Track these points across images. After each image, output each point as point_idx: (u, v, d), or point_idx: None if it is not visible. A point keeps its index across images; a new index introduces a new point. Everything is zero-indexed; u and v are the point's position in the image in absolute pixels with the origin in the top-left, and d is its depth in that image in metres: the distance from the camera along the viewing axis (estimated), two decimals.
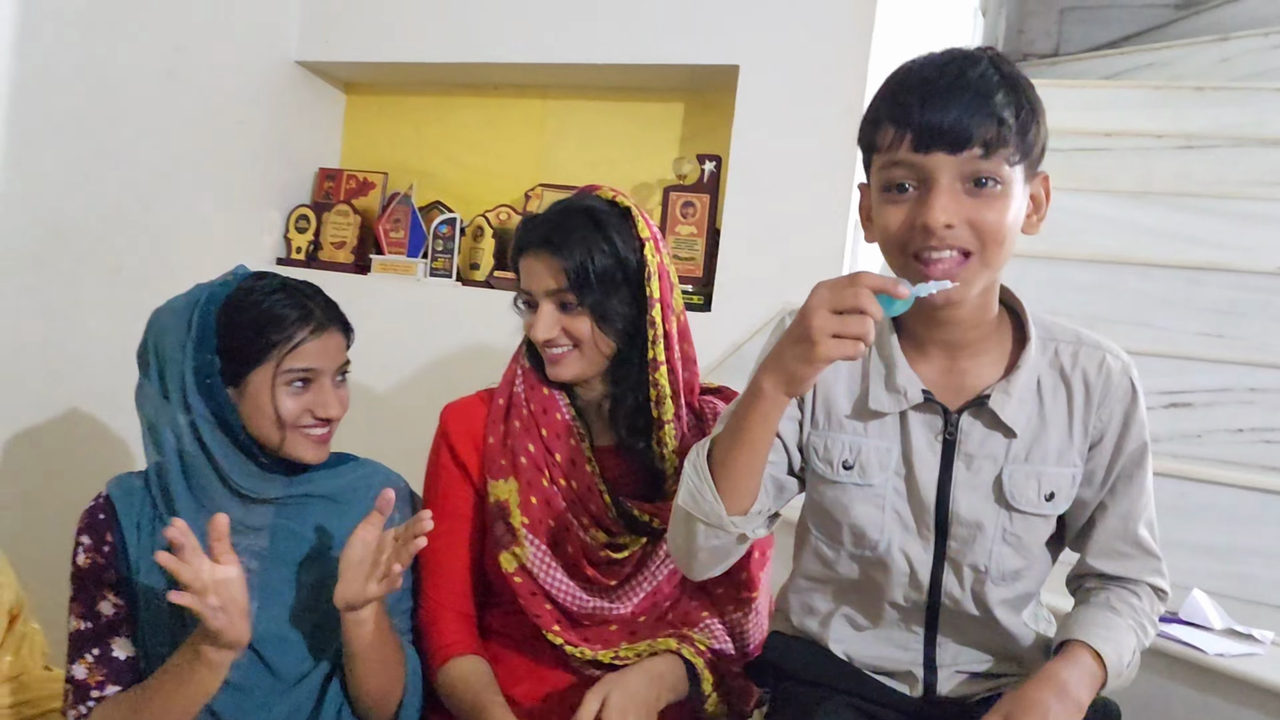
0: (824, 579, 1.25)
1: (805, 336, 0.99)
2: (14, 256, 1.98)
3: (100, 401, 2.22)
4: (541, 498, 1.36)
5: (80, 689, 1.28)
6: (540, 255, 1.37)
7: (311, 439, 1.34)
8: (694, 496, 1.12)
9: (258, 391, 1.30)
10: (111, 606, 1.30)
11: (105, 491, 1.36)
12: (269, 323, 1.30)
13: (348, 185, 2.74)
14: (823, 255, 2.09)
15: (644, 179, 2.51)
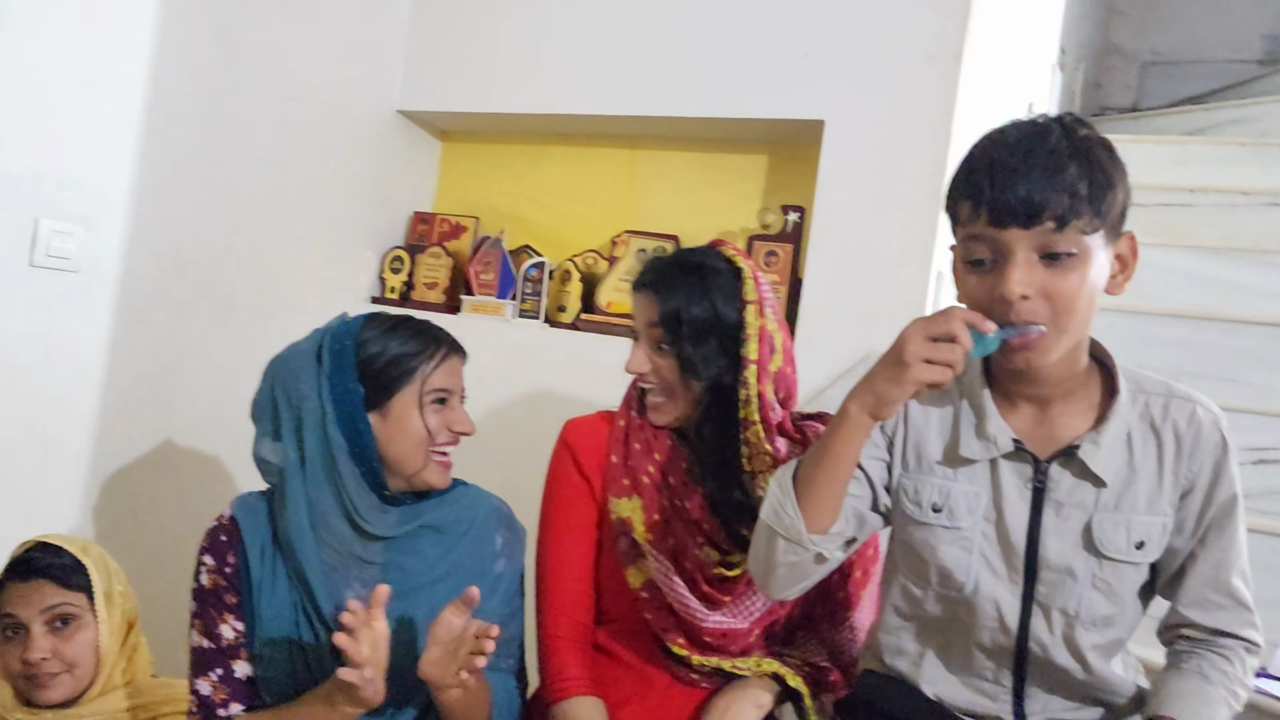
0: (912, 617, 1.28)
1: (899, 360, 1.07)
2: (137, 292, 2.10)
3: (210, 432, 2.34)
4: (662, 516, 1.44)
5: (206, 705, 1.37)
6: (645, 293, 1.48)
7: (443, 463, 1.43)
8: (776, 511, 1.18)
9: (404, 413, 1.38)
10: (231, 630, 1.38)
11: (230, 511, 1.44)
12: (409, 348, 1.41)
13: (441, 228, 2.86)
14: (904, 305, 2.13)
15: (728, 228, 2.58)
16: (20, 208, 1.85)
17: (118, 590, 1.56)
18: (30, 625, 1.47)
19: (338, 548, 1.38)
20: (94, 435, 2.06)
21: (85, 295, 2.00)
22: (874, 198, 2.18)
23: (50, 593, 1.48)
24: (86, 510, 2.06)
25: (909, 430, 1.25)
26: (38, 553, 1.51)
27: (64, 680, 1.47)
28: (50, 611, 1.47)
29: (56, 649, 1.46)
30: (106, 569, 1.56)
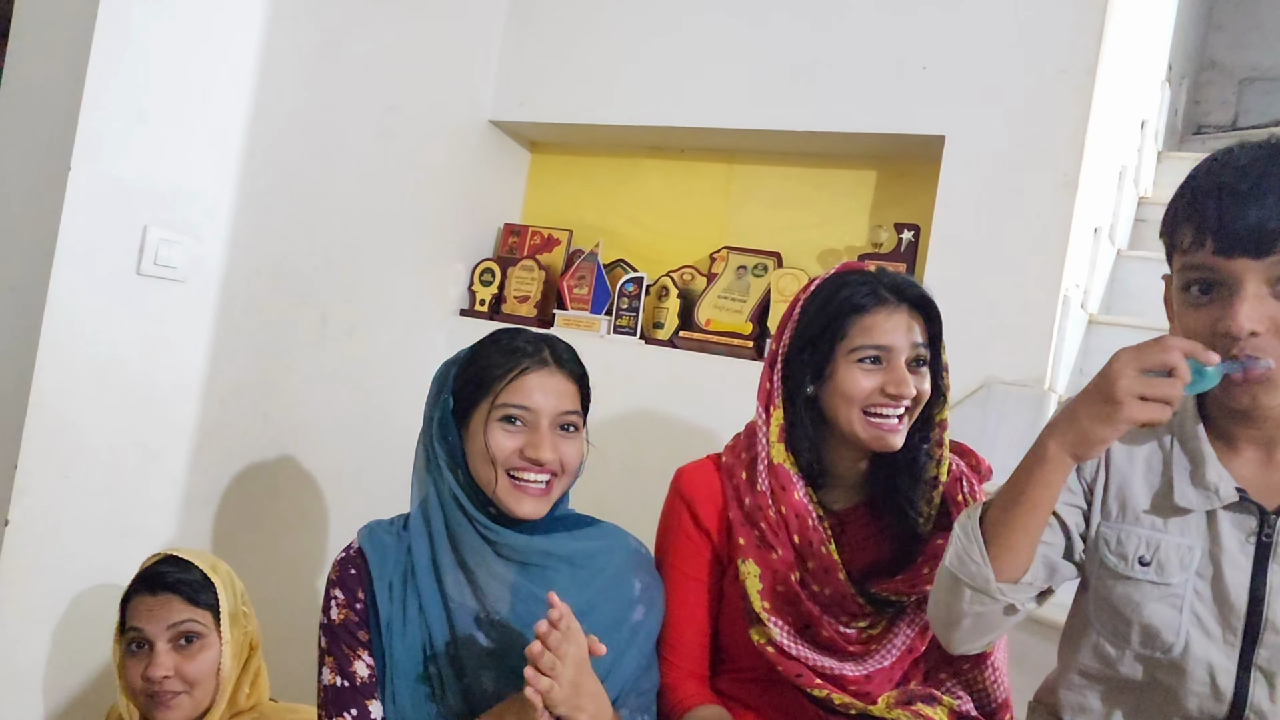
0: (1102, 678, 1.18)
1: (1110, 397, 0.97)
2: (237, 302, 2.07)
3: (306, 443, 2.30)
4: (789, 591, 1.34)
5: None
6: (905, 310, 1.35)
7: (523, 489, 1.30)
8: (961, 558, 1.10)
9: (476, 428, 1.31)
10: (365, 668, 1.31)
11: (357, 543, 1.37)
12: (492, 361, 1.32)
13: (532, 241, 2.80)
14: (1030, 330, 2.04)
15: (831, 245, 2.50)
16: (130, 214, 1.82)
17: (242, 611, 1.53)
18: (155, 641, 1.44)
19: (477, 567, 1.31)
20: (192, 446, 2.03)
21: (189, 305, 1.97)
22: (998, 217, 2.09)
23: (178, 608, 1.45)
24: (184, 522, 2.02)
25: (1110, 474, 1.15)
26: (168, 566, 1.49)
27: (183, 701, 1.44)
28: (176, 628, 1.44)
29: (179, 667, 1.44)
30: (233, 589, 1.53)
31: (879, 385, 1.31)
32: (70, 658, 1.83)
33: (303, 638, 2.24)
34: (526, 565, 1.32)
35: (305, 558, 2.34)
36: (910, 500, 1.37)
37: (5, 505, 1.72)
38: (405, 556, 1.34)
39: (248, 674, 1.52)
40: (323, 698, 1.33)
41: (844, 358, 1.34)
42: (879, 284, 1.35)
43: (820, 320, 1.36)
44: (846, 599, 1.34)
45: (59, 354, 1.75)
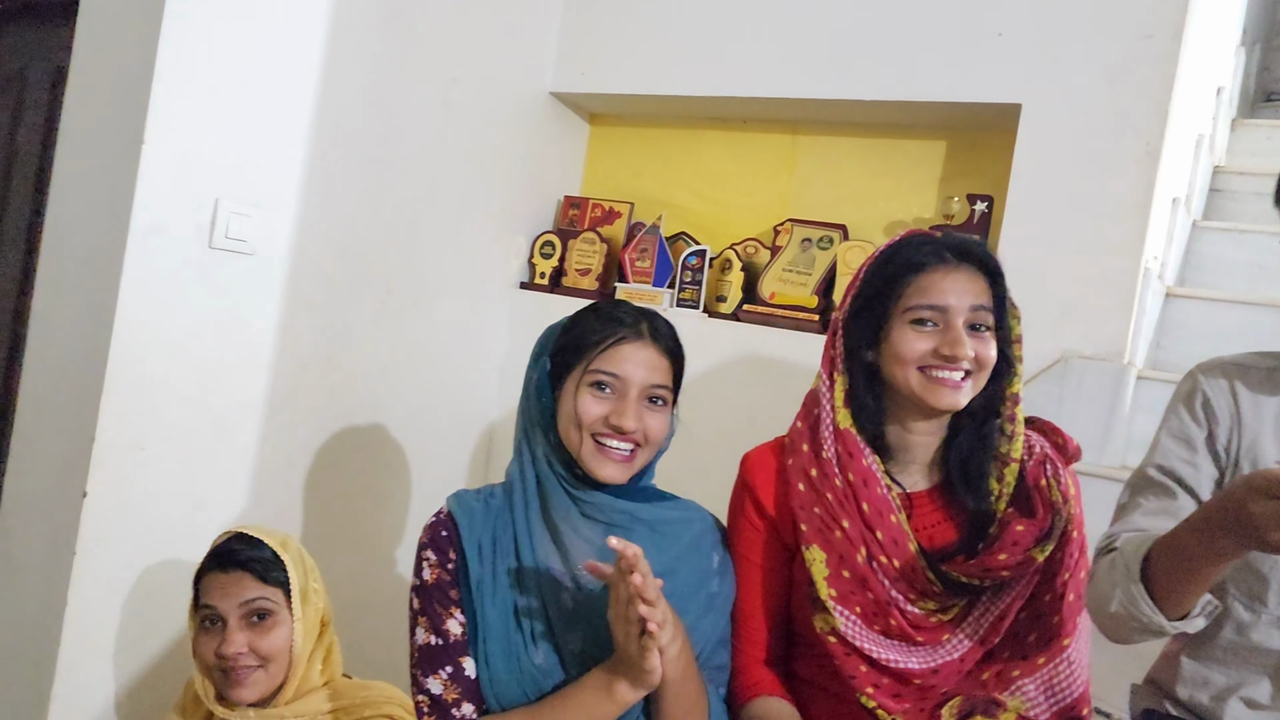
0: (1231, 648, 1.15)
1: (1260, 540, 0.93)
2: (305, 276, 2.07)
3: (371, 416, 2.31)
4: (856, 574, 1.30)
5: (438, 704, 1.29)
6: (965, 270, 1.30)
7: (605, 452, 1.31)
8: (1128, 607, 1.09)
9: (567, 392, 1.33)
10: (458, 625, 1.32)
11: (446, 508, 1.39)
12: (589, 329, 1.35)
13: (593, 213, 2.78)
14: (1110, 303, 1.99)
15: (899, 217, 2.45)
16: (202, 188, 1.83)
17: (313, 588, 1.53)
18: (228, 618, 1.44)
19: (563, 523, 1.32)
20: (261, 419, 2.04)
21: (258, 278, 1.98)
22: (1077, 187, 2.03)
23: (249, 586, 1.45)
24: (254, 495, 2.03)
25: (1243, 432, 1.15)
26: (238, 544, 1.49)
27: (259, 677, 1.44)
28: (248, 606, 1.45)
29: (252, 643, 1.44)
30: (303, 566, 1.53)
31: (933, 347, 1.27)
32: (145, 628, 1.86)
33: (371, 609, 2.26)
34: (611, 526, 1.33)
35: (372, 530, 2.35)
36: (981, 475, 1.33)
37: (83, 477, 1.74)
38: (493, 520, 1.35)
39: (320, 650, 1.53)
40: (416, 658, 1.33)
41: (898, 318, 1.30)
42: (940, 244, 1.31)
43: (877, 281, 1.33)
44: (916, 573, 1.28)
45: (134, 327, 1.76)
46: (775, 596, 1.40)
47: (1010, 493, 1.33)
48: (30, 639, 1.79)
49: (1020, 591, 1.30)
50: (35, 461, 1.84)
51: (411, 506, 2.48)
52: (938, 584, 1.29)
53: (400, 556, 2.44)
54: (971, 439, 1.35)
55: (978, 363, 1.28)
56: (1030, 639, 1.35)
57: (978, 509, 1.33)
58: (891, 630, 1.30)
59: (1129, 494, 1.37)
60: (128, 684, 1.85)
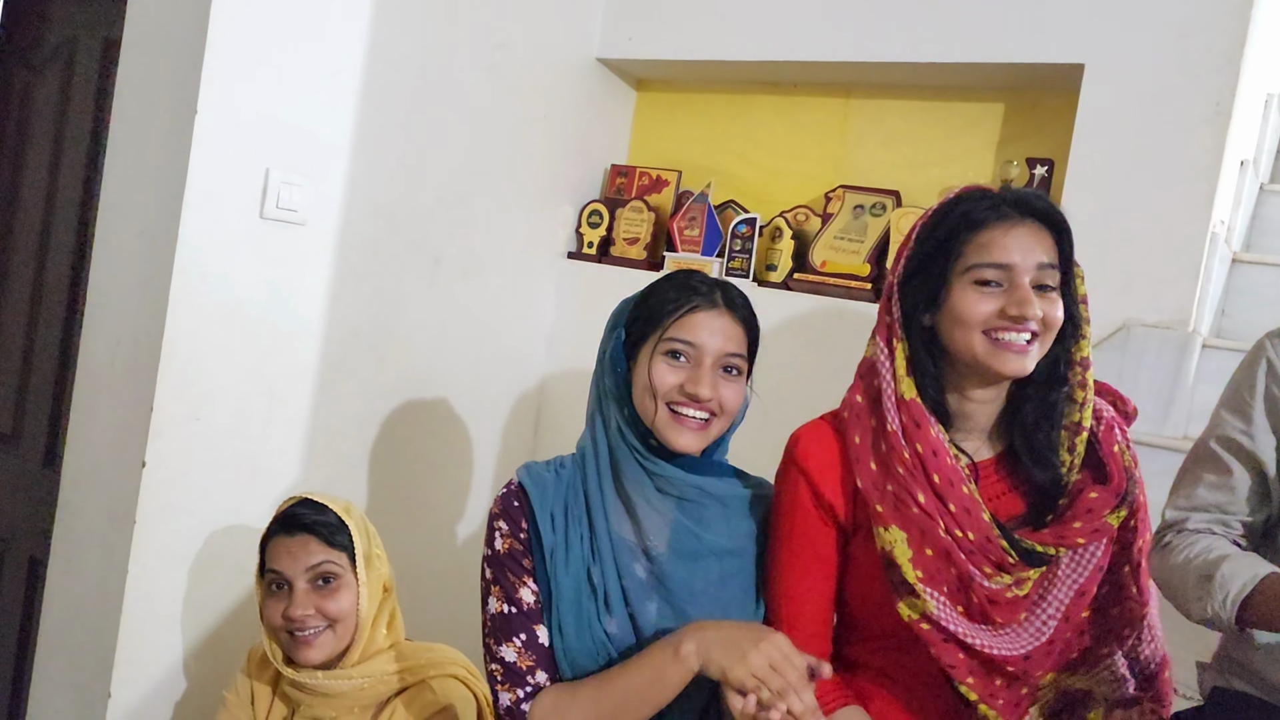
0: None
1: None
2: (354, 245, 2.07)
3: (421, 385, 2.31)
4: (939, 549, 1.24)
5: (512, 671, 1.30)
6: (1029, 225, 1.23)
7: (680, 421, 1.30)
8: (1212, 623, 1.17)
9: (642, 361, 1.33)
10: (531, 594, 1.32)
11: (518, 480, 1.39)
12: (664, 298, 1.34)
13: (640, 182, 2.75)
14: (1174, 270, 1.93)
15: (954, 182, 2.35)
16: (254, 157, 1.83)
17: (376, 553, 1.54)
18: (295, 581, 1.46)
19: (635, 495, 1.33)
20: (314, 388, 2.05)
21: (309, 248, 1.98)
22: (1142, 150, 1.97)
23: (315, 550, 1.47)
24: (307, 463, 2.05)
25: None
26: (303, 509, 1.51)
27: (325, 639, 1.47)
28: (315, 569, 1.46)
29: (319, 606, 1.47)
30: (366, 531, 1.54)
31: (999, 308, 1.21)
32: (205, 595, 1.88)
33: (425, 575, 2.27)
34: (683, 500, 1.33)
35: (422, 496, 2.36)
36: (1050, 446, 1.28)
37: (142, 447, 1.76)
38: (564, 490, 1.36)
39: (384, 614, 1.54)
40: (490, 627, 1.34)
41: (959, 279, 1.23)
42: (1000, 198, 1.24)
43: (934, 239, 1.26)
44: (991, 544, 1.23)
45: (189, 298, 1.77)
46: (827, 581, 1.36)
47: (1080, 462, 1.29)
48: (93, 608, 1.82)
49: (1099, 563, 1.26)
50: (94, 433, 1.86)
51: (461, 473, 2.49)
52: (1013, 554, 1.24)
53: (450, 522, 2.45)
54: (1038, 409, 1.29)
55: (1045, 324, 1.22)
56: (1114, 612, 1.32)
57: (1048, 481, 1.29)
58: (972, 610, 1.25)
59: (1191, 464, 1.34)
60: (191, 650, 1.87)
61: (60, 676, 1.88)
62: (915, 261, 1.29)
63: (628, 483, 1.33)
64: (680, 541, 1.32)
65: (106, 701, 1.77)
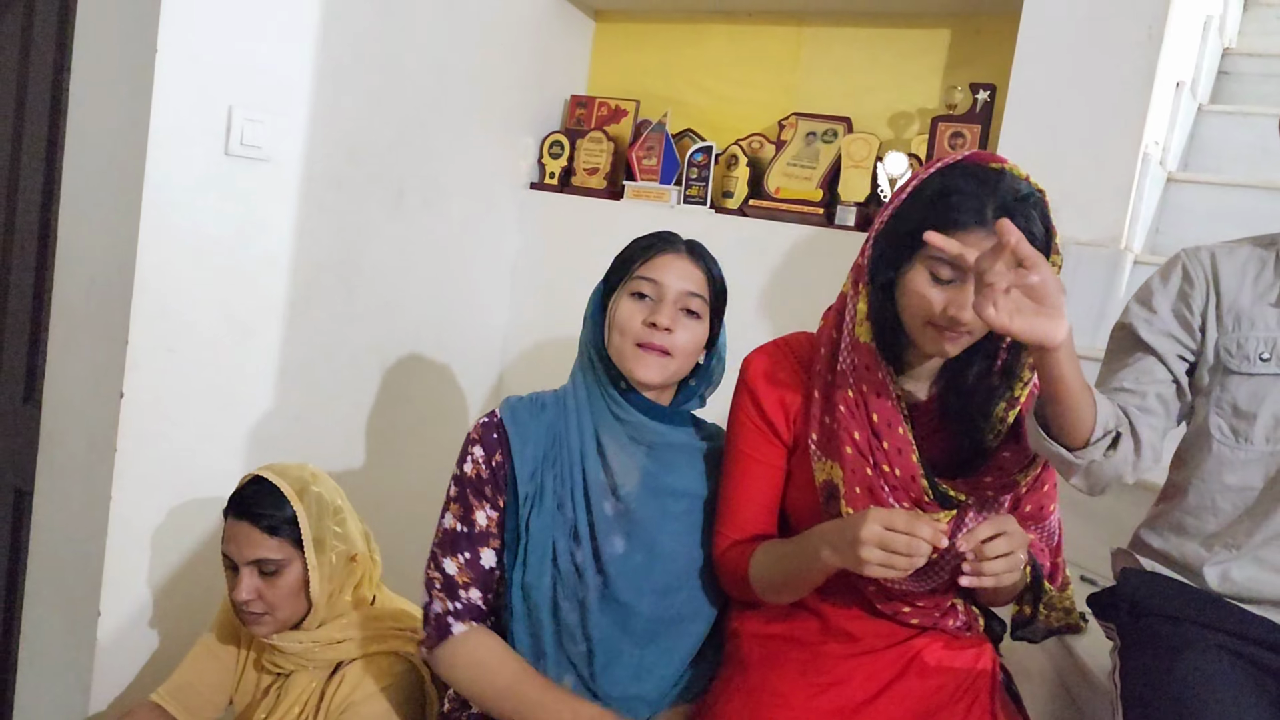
0: (1220, 490, 1.27)
1: None
2: (317, 180, 2.12)
3: (388, 315, 2.38)
4: (865, 486, 1.33)
5: (450, 583, 1.43)
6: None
7: (641, 356, 1.40)
8: (1036, 440, 1.25)
9: (614, 303, 1.44)
10: (485, 518, 1.44)
11: (500, 416, 1.48)
12: (636, 245, 1.48)
13: (599, 112, 2.80)
14: (1108, 190, 2.02)
15: (903, 108, 2.47)
16: (215, 94, 1.86)
17: (333, 532, 1.56)
18: (240, 565, 1.52)
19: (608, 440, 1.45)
20: (283, 322, 2.11)
21: (274, 184, 2.03)
22: (1078, 72, 2.04)
23: (256, 540, 1.51)
24: (278, 394, 2.12)
25: (1221, 294, 1.30)
26: (253, 491, 1.54)
27: (267, 621, 1.53)
28: (255, 560, 1.51)
29: (261, 591, 1.51)
30: (321, 510, 1.56)
31: (942, 306, 1.24)
32: (185, 518, 1.97)
33: (389, 501, 2.37)
34: (653, 448, 1.46)
35: (388, 423, 2.45)
36: (985, 416, 1.35)
37: (119, 379, 1.83)
38: (543, 432, 1.46)
39: (348, 582, 1.59)
40: (440, 537, 1.46)
41: (920, 261, 1.26)
42: (987, 200, 1.22)
43: (916, 215, 1.27)
44: (914, 482, 1.31)
45: (158, 234, 1.82)
46: (769, 491, 1.45)
47: (1006, 430, 1.37)
48: (80, 532, 1.90)
49: (1007, 508, 1.36)
50: (73, 368, 1.93)
51: (429, 399, 2.58)
52: (930, 494, 1.32)
53: (418, 446, 2.54)
54: (979, 384, 1.35)
55: (982, 325, 1.23)
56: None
57: (970, 444, 1.37)
58: None
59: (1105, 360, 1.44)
60: (174, 568, 1.97)
61: (51, 597, 1.97)
62: (893, 223, 1.32)
63: (600, 428, 1.45)
64: (648, 484, 1.45)
65: (96, 620, 1.86)
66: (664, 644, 1.44)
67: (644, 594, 1.42)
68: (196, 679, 1.65)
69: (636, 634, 1.42)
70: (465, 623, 1.42)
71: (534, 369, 2.76)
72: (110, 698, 1.91)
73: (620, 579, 1.41)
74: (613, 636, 1.41)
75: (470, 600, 1.42)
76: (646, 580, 1.42)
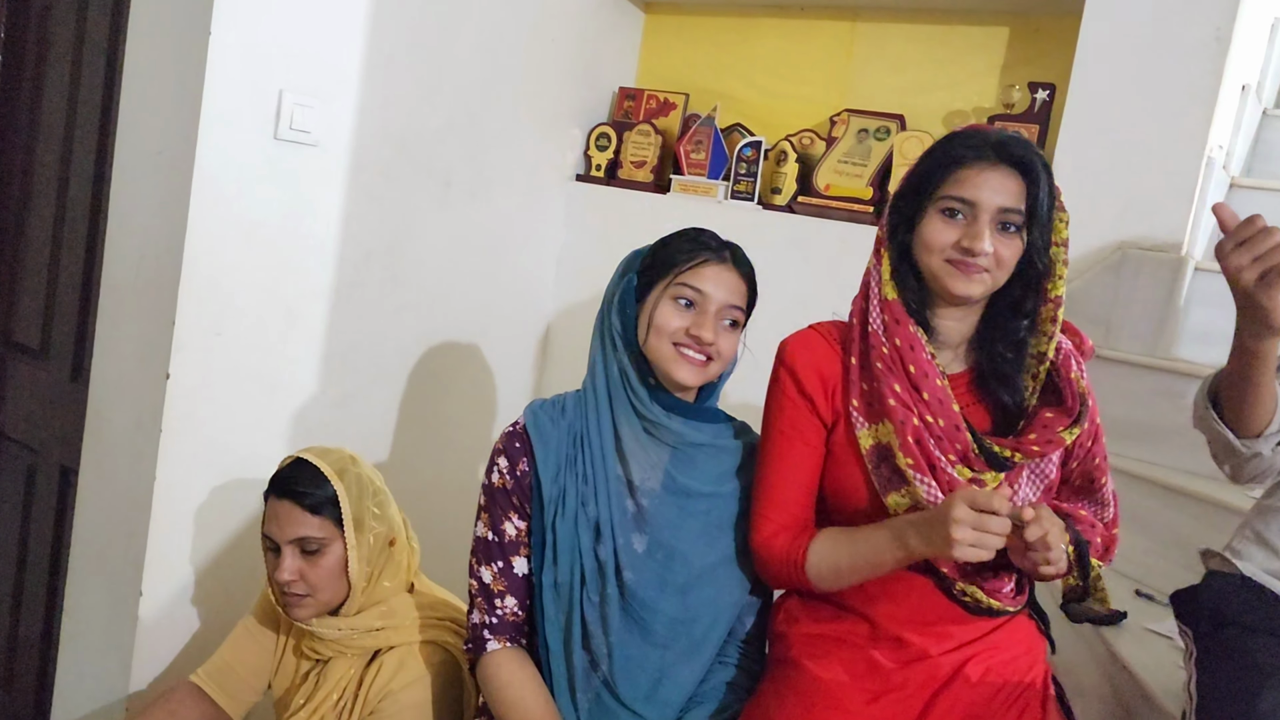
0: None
1: None
2: (365, 167, 2.12)
3: (432, 304, 2.38)
4: (915, 435, 1.32)
5: (485, 591, 1.46)
6: (1002, 169, 1.30)
7: (685, 359, 1.41)
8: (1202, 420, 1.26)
9: (652, 303, 1.43)
10: (514, 529, 1.46)
11: (523, 423, 1.48)
12: (680, 248, 1.44)
13: (648, 105, 2.78)
14: (1171, 194, 1.97)
15: (958, 107, 2.42)
16: (267, 79, 1.87)
17: (371, 513, 1.56)
18: (282, 546, 1.52)
19: (629, 442, 1.44)
20: (329, 306, 2.11)
21: (322, 170, 2.03)
22: (1142, 74, 1.99)
23: (298, 519, 1.51)
24: (323, 379, 2.12)
25: None
26: (295, 471, 1.54)
27: (309, 603, 1.53)
28: (298, 539, 1.51)
29: (303, 572, 1.51)
30: (360, 491, 1.56)
31: (956, 239, 1.31)
32: (228, 500, 1.98)
33: (432, 489, 2.37)
34: (676, 449, 1.45)
35: (433, 411, 2.45)
36: (1016, 370, 1.36)
37: (165, 360, 1.83)
38: (565, 439, 1.46)
39: (388, 568, 1.59)
40: (475, 546, 1.49)
41: (931, 207, 1.34)
42: (986, 141, 1.32)
43: (923, 168, 1.36)
44: (959, 432, 1.32)
45: (207, 217, 1.83)
46: (810, 472, 1.43)
47: (1040, 388, 1.37)
48: (123, 512, 1.91)
49: (1052, 481, 1.37)
50: (120, 347, 1.94)
51: (470, 390, 2.57)
52: (976, 449, 1.32)
53: (458, 436, 2.54)
54: (1007, 338, 1.37)
55: (996, 260, 1.31)
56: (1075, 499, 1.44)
57: (1011, 402, 1.37)
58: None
59: None
60: (216, 550, 1.98)
61: (94, 575, 1.98)
62: (906, 184, 1.39)
63: (621, 426, 1.44)
64: (669, 485, 1.44)
65: (139, 599, 1.87)
66: (683, 646, 1.43)
67: (664, 594, 1.41)
68: (236, 661, 1.66)
69: (656, 635, 1.41)
70: (500, 641, 1.44)
71: (577, 363, 2.72)
72: (151, 676, 1.92)
73: (640, 579, 1.41)
74: (632, 639, 1.41)
75: (506, 611, 1.45)
76: (666, 580, 1.41)
